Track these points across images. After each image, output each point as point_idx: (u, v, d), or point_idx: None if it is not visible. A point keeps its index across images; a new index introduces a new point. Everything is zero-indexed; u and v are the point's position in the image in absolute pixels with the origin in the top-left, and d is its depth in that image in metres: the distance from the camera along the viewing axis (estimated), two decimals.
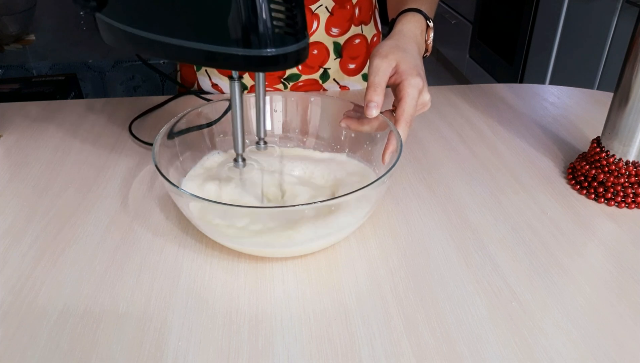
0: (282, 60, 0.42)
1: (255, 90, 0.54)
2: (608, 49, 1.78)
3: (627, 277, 0.52)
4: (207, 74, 0.90)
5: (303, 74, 0.88)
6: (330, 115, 0.66)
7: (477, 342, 0.44)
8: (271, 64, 0.42)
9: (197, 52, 0.42)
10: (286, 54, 0.41)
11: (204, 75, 0.90)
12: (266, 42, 0.40)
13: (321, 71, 0.88)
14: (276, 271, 0.52)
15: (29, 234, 0.57)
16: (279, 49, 0.41)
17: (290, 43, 0.42)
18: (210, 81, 0.91)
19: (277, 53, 0.41)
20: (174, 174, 0.58)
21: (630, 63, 0.58)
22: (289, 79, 0.88)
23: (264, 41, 0.40)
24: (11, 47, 1.61)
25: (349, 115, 0.62)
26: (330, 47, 0.86)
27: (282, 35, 0.41)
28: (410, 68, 0.59)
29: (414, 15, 0.67)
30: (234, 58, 0.41)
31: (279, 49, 0.41)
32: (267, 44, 0.40)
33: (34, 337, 0.45)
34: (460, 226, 0.58)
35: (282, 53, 0.41)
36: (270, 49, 0.40)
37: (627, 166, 0.61)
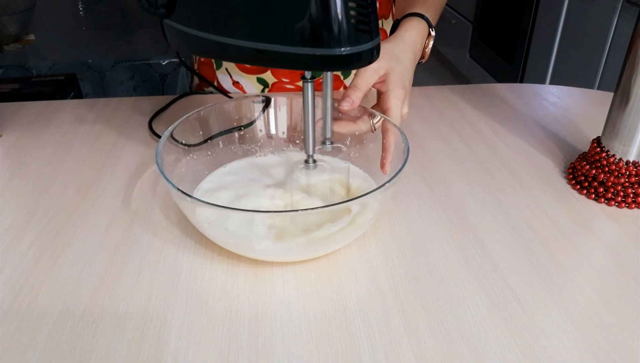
0: (356, 58, 0.41)
1: (323, 90, 0.54)
2: (608, 49, 1.78)
3: (627, 277, 0.52)
4: (228, 72, 0.90)
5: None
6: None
7: (477, 342, 0.44)
8: (346, 63, 0.41)
9: (271, 54, 0.41)
10: (360, 52, 0.41)
11: (225, 73, 0.90)
12: (341, 41, 0.39)
13: None
14: (276, 271, 0.52)
15: (29, 234, 0.57)
16: (353, 47, 0.40)
17: (365, 41, 0.41)
18: (232, 79, 0.90)
19: (352, 52, 0.40)
20: (178, 174, 0.58)
21: (630, 63, 0.58)
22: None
23: (339, 40, 0.39)
24: (11, 47, 1.61)
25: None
26: None
27: (357, 33, 0.40)
28: (397, 80, 0.60)
29: (419, 22, 0.67)
30: (308, 59, 0.40)
31: (353, 48, 0.40)
32: (342, 43, 0.39)
33: (34, 337, 0.45)
34: (460, 226, 0.58)
35: (357, 52, 0.40)
36: (344, 47, 0.39)
37: (628, 166, 0.61)
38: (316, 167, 0.55)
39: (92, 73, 1.61)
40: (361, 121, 0.61)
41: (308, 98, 0.49)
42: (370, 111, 0.61)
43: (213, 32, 0.43)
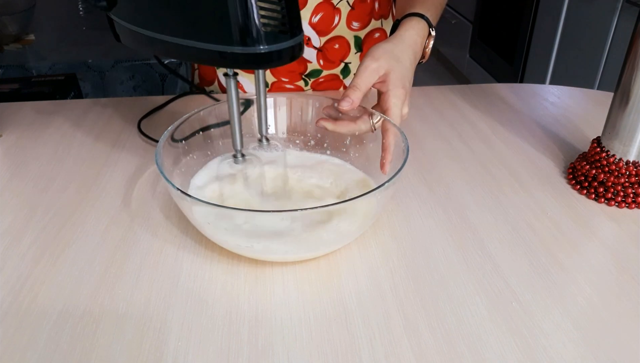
0: (276, 57, 0.43)
1: (255, 87, 0.54)
2: (608, 49, 1.78)
3: (627, 277, 0.52)
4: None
5: (324, 69, 0.89)
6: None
7: (477, 342, 0.44)
8: (265, 61, 0.43)
9: (196, 51, 0.43)
10: (280, 50, 0.42)
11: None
12: (258, 40, 0.41)
13: (342, 66, 0.89)
14: (276, 271, 0.52)
15: (29, 234, 0.57)
16: (271, 46, 0.42)
17: (283, 40, 0.43)
18: None
19: (270, 50, 0.42)
20: (177, 175, 0.58)
21: (630, 63, 0.58)
22: (310, 75, 0.89)
23: (256, 39, 0.41)
24: (11, 47, 1.61)
25: (328, 115, 0.63)
26: (351, 41, 0.87)
27: (275, 33, 0.42)
28: (397, 80, 0.60)
29: (419, 22, 0.67)
30: (230, 56, 0.42)
31: (271, 46, 0.42)
32: (260, 42, 0.41)
33: (34, 337, 0.45)
34: (460, 226, 0.58)
35: (276, 50, 0.42)
36: (262, 46, 0.41)
37: (628, 166, 0.61)
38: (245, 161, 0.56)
39: (92, 73, 1.61)
40: (361, 121, 0.61)
41: (232, 94, 0.50)
42: (370, 111, 0.61)
43: (147, 28, 0.46)
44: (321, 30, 0.85)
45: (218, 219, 0.52)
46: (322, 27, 0.84)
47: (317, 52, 0.86)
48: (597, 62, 1.82)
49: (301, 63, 0.87)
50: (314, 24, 0.84)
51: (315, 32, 0.85)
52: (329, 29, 0.85)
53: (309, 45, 0.86)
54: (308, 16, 0.83)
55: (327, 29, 0.85)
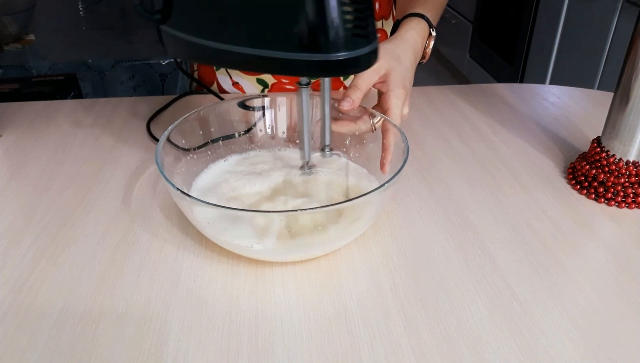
0: (353, 63, 0.40)
1: (321, 96, 0.53)
2: (608, 49, 1.78)
3: (627, 277, 0.52)
4: (228, 73, 0.90)
5: None
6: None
7: (477, 342, 0.44)
8: (342, 68, 0.40)
9: (268, 60, 0.40)
10: (358, 57, 0.40)
11: (224, 74, 0.90)
12: (337, 46, 0.38)
13: None
14: (276, 272, 0.52)
15: (29, 234, 0.57)
16: (350, 52, 0.39)
17: (362, 45, 0.40)
18: (231, 80, 0.90)
19: (349, 57, 0.39)
20: (177, 175, 0.58)
21: (630, 63, 0.58)
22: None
23: (335, 45, 0.38)
24: (11, 47, 1.61)
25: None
26: None
27: (355, 38, 0.39)
28: (398, 80, 0.60)
29: (419, 22, 0.67)
30: (306, 65, 0.39)
31: (350, 53, 0.39)
32: (338, 48, 0.38)
33: (34, 337, 0.45)
34: (460, 226, 0.58)
35: (354, 56, 0.39)
36: (341, 52, 0.39)
37: (628, 166, 0.61)
38: (312, 173, 0.55)
39: (92, 73, 1.61)
40: (361, 121, 0.61)
41: (304, 104, 0.48)
42: (370, 111, 0.61)
43: (209, 38, 0.42)
44: None
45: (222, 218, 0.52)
46: None
47: None
48: (597, 62, 1.82)
49: None
50: None
51: None
52: None
53: None
54: None
55: None
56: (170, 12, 0.44)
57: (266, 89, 0.90)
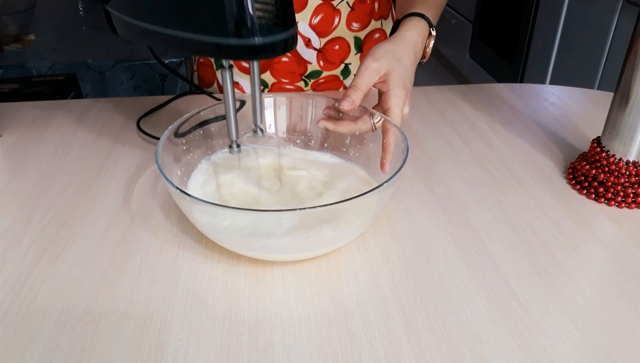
0: (270, 48, 0.44)
1: (250, 78, 0.55)
2: (608, 49, 1.78)
3: (627, 277, 0.52)
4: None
5: (324, 70, 0.89)
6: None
7: (477, 342, 0.44)
8: (260, 52, 0.44)
9: (193, 43, 0.45)
10: (274, 42, 0.44)
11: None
12: (253, 32, 0.43)
13: (342, 67, 0.89)
14: (276, 271, 0.52)
15: (29, 234, 0.57)
16: (265, 37, 0.43)
17: (278, 32, 0.44)
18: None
19: (265, 42, 0.43)
20: (177, 175, 0.58)
21: (630, 63, 0.58)
22: (310, 76, 0.89)
23: (251, 31, 0.43)
24: (11, 47, 1.61)
25: (328, 115, 0.63)
26: (351, 42, 0.87)
27: (269, 25, 0.43)
28: (398, 79, 0.60)
29: (419, 22, 0.67)
30: (226, 48, 0.44)
31: (265, 38, 0.43)
32: (255, 34, 0.43)
33: (34, 337, 0.45)
34: (460, 226, 0.58)
35: (270, 42, 0.44)
36: (257, 38, 0.43)
37: (627, 166, 0.61)
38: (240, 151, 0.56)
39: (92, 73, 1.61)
40: (361, 121, 0.61)
41: (227, 85, 0.51)
42: (370, 111, 0.61)
43: (143, 20, 0.47)
44: (321, 32, 0.85)
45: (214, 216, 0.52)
46: (322, 29, 0.84)
47: (317, 53, 0.86)
48: (597, 62, 1.82)
49: (301, 64, 0.87)
50: (314, 25, 0.84)
51: (316, 34, 0.85)
52: (329, 30, 0.85)
53: (309, 46, 0.86)
54: (308, 17, 0.83)
55: (327, 30, 0.85)
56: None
57: (266, 88, 0.90)
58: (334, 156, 0.66)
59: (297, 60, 0.87)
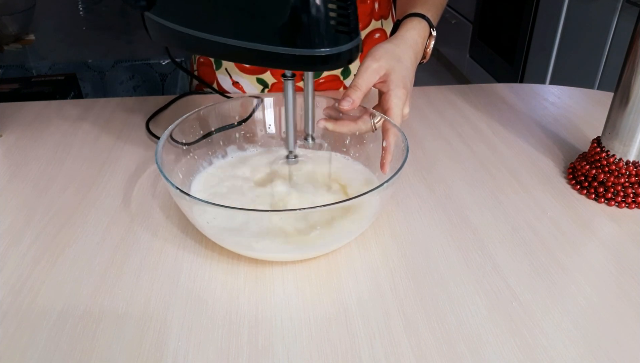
0: (335, 59, 0.41)
1: (304, 88, 0.55)
2: (608, 49, 1.78)
3: (627, 277, 0.52)
4: (228, 73, 0.90)
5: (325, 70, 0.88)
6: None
7: (477, 342, 0.44)
8: (324, 63, 0.42)
9: (251, 52, 0.42)
10: (339, 53, 0.41)
11: (225, 73, 0.90)
12: (321, 42, 0.40)
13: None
14: (276, 272, 0.52)
15: (29, 234, 0.57)
16: (332, 48, 0.41)
17: (344, 42, 0.41)
18: (231, 79, 0.91)
19: (331, 52, 0.41)
20: (178, 175, 0.58)
21: (630, 63, 0.58)
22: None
23: (319, 41, 0.40)
24: (11, 47, 1.61)
25: (328, 115, 0.64)
26: None
27: (336, 34, 0.41)
28: (398, 80, 0.60)
29: (420, 22, 0.67)
30: (288, 58, 0.41)
31: (332, 48, 0.41)
32: (322, 44, 0.40)
33: (34, 337, 0.45)
34: (460, 226, 0.58)
35: (336, 52, 0.41)
36: (324, 48, 0.40)
37: (627, 166, 0.61)
38: (297, 162, 0.57)
39: (92, 73, 1.61)
40: (361, 121, 0.61)
41: (289, 95, 0.50)
42: (370, 111, 0.61)
43: (195, 28, 0.43)
44: None
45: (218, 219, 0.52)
46: None
47: None
48: (597, 62, 1.82)
49: None
50: None
51: None
52: None
53: None
54: None
55: None
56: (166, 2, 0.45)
57: (266, 88, 0.90)
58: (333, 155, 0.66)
59: None
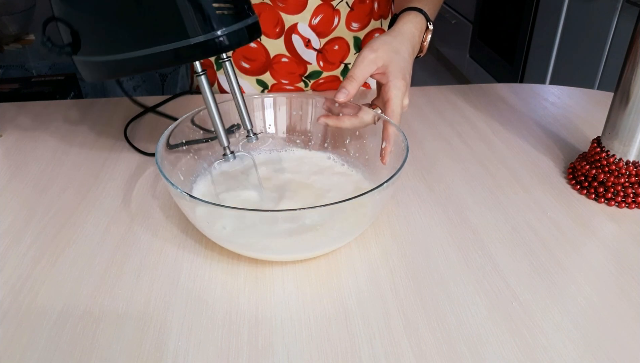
0: (234, 39, 0.46)
1: (227, 82, 0.55)
2: (608, 49, 1.78)
3: (627, 277, 0.52)
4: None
5: (324, 70, 0.89)
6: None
7: (477, 342, 0.44)
8: (223, 47, 0.46)
9: (160, 56, 0.46)
10: (236, 31, 0.46)
11: (224, 74, 0.90)
12: (212, 27, 0.45)
13: (342, 67, 0.90)
14: (276, 272, 0.52)
15: (29, 234, 0.57)
16: (225, 29, 0.45)
17: (237, 21, 0.46)
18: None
19: (226, 32, 0.45)
20: (178, 175, 0.58)
21: (630, 63, 0.58)
22: (310, 77, 0.89)
23: (210, 26, 0.44)
24: (11, 47, 1.61)
25: (328, 111, 0.64)
26: (351, 42, 0.88)
27: (228, 17, 0.45)
28: (397, 71, 0.61)
29: (416, 16, 0.68)
30: (189, 49, 0.45)
31: (225, 29, 0.45)
32: (213, 28, 0.45)
33: (34, 337, 0.45)
34: (460, 226, 0.58)
35: (232, 31, 0.45)
36: (216, 31, 0.45)
37: (627, 166, 0.61)
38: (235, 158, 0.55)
39: None
40: (363, 112, 0.62)
41: (206, 90, 0.51)
42: (368, 105, 0.62)
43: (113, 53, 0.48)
44: (321, 32, 0.85)
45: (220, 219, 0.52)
46: (322, 29, 0.84)
47: (317, 53, 0.87)
48: (597, 62, 1.82)
49: (301, 65, 0.87)
50: (313, 25, 0.84)
51: (315, 34, 0.85)
52: (329, 31, 0.85)
53: (308, 47, 0.86)
54: (308, 18, 0.83)
55: (327, 30, 0.85)
56: (79, 43, 0.50)
57: (266, 89, 0.90)
58: (333, 155, 0.66)
59: (296, 61, 0.87)
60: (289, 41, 0.85)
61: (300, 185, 0.61)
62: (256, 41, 0.85)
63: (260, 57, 0.87)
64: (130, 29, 0.46)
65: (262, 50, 0.86)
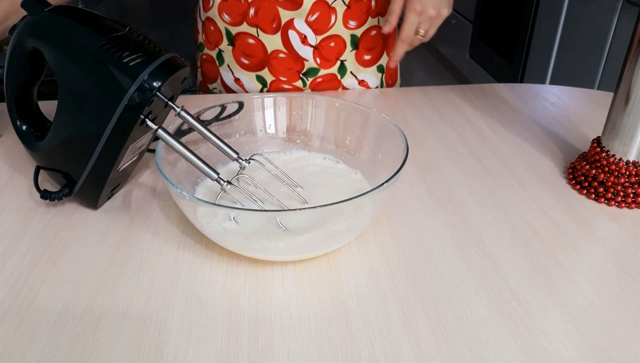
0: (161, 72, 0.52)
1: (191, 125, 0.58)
2: (608, 49, 1.78)
3: (627, 277, 0.52)
4: (230, 69, 0.92)
5: (321, 68, 0.89)
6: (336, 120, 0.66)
7: (477, 342, 0.44)
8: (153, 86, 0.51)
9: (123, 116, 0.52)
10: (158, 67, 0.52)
11: (227, 70, 0.92)
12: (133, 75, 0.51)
13: (338, 64, 0.90)
14: (276, 271, 0.52)
15: (29, 234, 0.57)
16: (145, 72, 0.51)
17: (149, 63, 0.52)
18: (233, 76, 0.92)
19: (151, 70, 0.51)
20: (178, 175, 0.58)
21: (630, 63, 0.58)
22: (308, 74, 0.90)
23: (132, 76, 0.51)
24: None
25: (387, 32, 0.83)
26: (348, 40, 0.88)
27: (136, 66, 0.51)
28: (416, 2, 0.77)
29: None
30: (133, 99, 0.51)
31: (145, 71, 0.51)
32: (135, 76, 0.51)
33: (34, 337, 0.45)
34: (460, 226, 0.58)
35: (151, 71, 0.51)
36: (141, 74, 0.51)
37: (628, 166, 0.61)
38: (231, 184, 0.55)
39: None
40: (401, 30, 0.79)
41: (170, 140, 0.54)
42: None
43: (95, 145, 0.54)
44: (317, 29, 0.85)
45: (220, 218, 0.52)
46: (318, 26, 0.85)
47: (313, 49, 0.87)
48: (597, 62, 1.82)
49: (298, 61, 0.88)
50: (310, 22, 0.84)
51: (312, 31, 0.85)
52: (326, 28, 0.85)
53: (305, 43, 0.86)
54: (304, 15, 0.83)
55: (324, 28, 0.85)
56: (74, 185, 0.58)
57: (265, 88, 0.91)
58: (332, 156, 0.66)
59: (293, 57, 0.87)
60: (286, 36, 0.85)
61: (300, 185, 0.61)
62: (254, 37, 0.86)
63: (259, 53, 0.87)
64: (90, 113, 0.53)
65: (259, 46, 0.86)
